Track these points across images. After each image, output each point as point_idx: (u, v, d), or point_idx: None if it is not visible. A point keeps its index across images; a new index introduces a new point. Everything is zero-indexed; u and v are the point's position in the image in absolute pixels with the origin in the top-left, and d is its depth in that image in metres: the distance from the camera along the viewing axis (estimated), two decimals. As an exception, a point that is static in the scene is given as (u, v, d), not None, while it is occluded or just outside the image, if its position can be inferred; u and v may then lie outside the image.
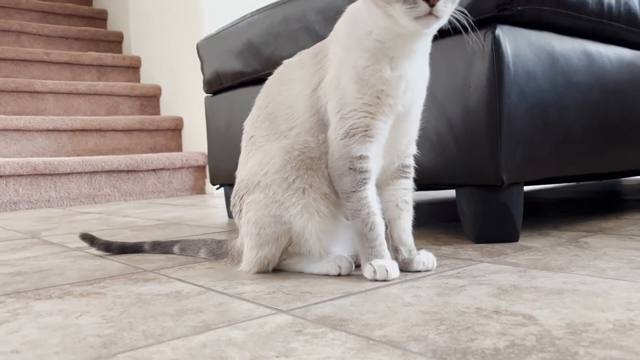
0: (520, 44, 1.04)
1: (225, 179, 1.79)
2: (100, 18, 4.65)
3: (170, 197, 3.11)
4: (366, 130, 0.80)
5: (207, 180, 3.26)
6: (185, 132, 3.64)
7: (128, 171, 3.00)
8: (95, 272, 0.97)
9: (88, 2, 4.93)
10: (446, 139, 1.08)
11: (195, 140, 3.48)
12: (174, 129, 3.64)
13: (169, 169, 3.15)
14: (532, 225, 1.26)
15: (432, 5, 0.70)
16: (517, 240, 1.07)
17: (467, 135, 1.04)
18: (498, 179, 1.02)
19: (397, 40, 0.77)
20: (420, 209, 0.91)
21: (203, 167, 3.27)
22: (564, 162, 1.15)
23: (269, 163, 0.84)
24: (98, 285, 0.85)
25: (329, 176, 0.83)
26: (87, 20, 4.57)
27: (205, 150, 2.89)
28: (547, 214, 1.48)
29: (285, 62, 0.93)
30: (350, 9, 0.85)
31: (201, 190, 3.28)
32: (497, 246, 1.03)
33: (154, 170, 3.09)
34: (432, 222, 1.43)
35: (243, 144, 0.93)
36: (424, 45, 0.82)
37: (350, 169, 0.81)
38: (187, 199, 2.93)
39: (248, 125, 0.92)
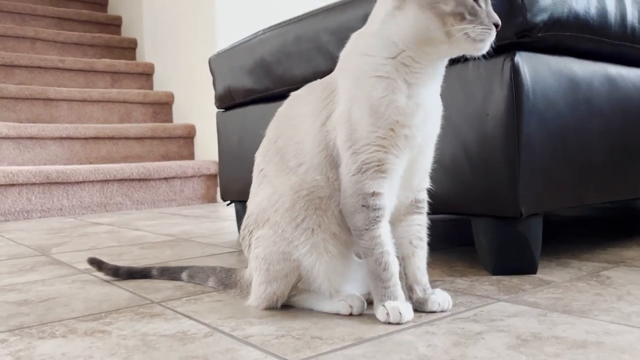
0: (540, 71, 1.00)
1: (236, 196, 1.77)
2: (114, 24, 4.67)
3: (181, 206, 3.10)
4: (379, 166, 0.77)
5: (219, 189, 3.25)
6: (198, 140, 3.64)
7: (140, 180, 3.00)
8: (102, 303, 0.95)
9: (103, 8, 4.96)
10: (462, 168, 1.04)
11: (208, 148, 3.47)
12: (187, 137, 3.63)
13: (180, 178, 3.15)
14: (550, 252, 1.22)
15: (496, 27, 0.74)
16: (535, 273, 1.04)
17: (484, 164, 1.01)
18: (516, 211, 0.98)
19: (427, 60, 0.76)
20: (433, 228, 0.88)
21: (215, 176, 3.26)
22: (585, 191, 1.11)
23: (279, 201, 0.82)
24: (103, 322, 0.83)
25: (339, 214, 0.81)
26: (101, 26, 4.60)
27: (217, 159, 2.88)
28: (565, 239, 1.43)
29: (292, 94, 0.90)
30: (357, 37, 0.82)
31: (212, 199, 3.27)
32: (515, 279, 1.00)
33: (165, 178, 3.09)
34: (446, 245, 1.39)
35: (254, 174, 0.90)
36: (442, 70, 0.81)
37: (363, 206, 0.78)
38: (199, 208, 2.92)
39: (259, 157, 0.90)
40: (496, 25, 0.73)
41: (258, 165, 0.89)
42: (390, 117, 0.76)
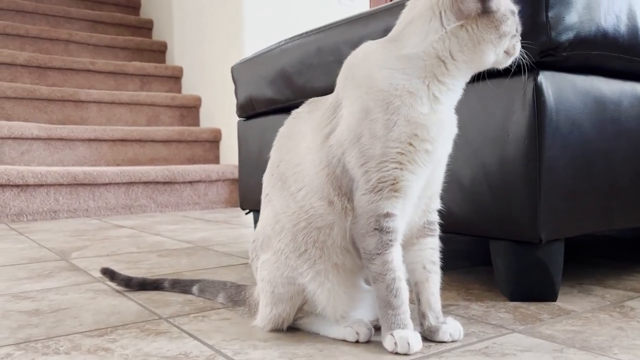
0: (564, 91, 0.97)
1: (255, 205, 1.76)
2: (146, 28, 4.74)
3: (205, 210, 3.12)
4: (393, 184, 0.74)
5: (239, 198, 3.26)
6: (224, 144, 3.66)
7: (164, 183, 3.03)
8: (110, 316, 0.95)
9: (135, 11, 5.04)
10: (481, 189, 1.01)
11: (233, 153, 3.48)
12: (212, 141, 3.66)
13: (205, 182, 3.17)
14: (572, 276, 1.17)
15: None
16: (555, 300, 1.00)
17: (503, 187, 0.98)
18: (535, 236, 0.94)
19: (463, 75, 0.77)
20: (452, 244, 0.85)
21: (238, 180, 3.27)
22: (611, 216, 1.07)
23: (282, 233, 0.80)
24: (108, 338, 0.83)
25: (341, 243, 0.78)
26: (133, 29, 4.67)
27: (241, 166, 2.89)
28: (588, 260, 1.38)
29: (294, 112, 0.87)
30: (368, 51, 0.78)
31: (236, 204, 3.28)
32: (533, 307, 0.96)
33: (190, 182, 3.11)
34: (465, 264, 1.35)
35: (262, 197, 0.88)
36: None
37: (376, 229, 0.75)
38: (221, 212, 2.93)
39: (265, 181, 0.88)
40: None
41: (264, 189, 0.88)
42: (411, 131, 0.73)
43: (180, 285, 1.11)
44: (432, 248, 0.82)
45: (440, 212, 0.84)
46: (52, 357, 0.75)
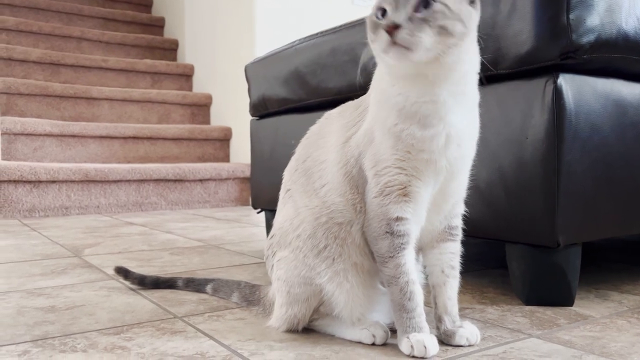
0: (584, 94, 0.95)
1: (266, 204, 1.76)
2: (157, 25, 4.76)
3: (215, 208, 3.12)
4: (402, 189, 0.74)
5: (250, 196, 3.26)
6: (234, 143, 3.66)
7: (175, 180, 3.04)
8: (125, 314, 0.95)
9: (147, 9, 5.05)
10: (497, 192, 1.00)
11: (243, 151, 3.49)
12: (223, 139, 3.67)
13: (215, 180, 3.18)
14: (589, 280, 1.16)
15: (390, 35, 0.64)
16: (571, 305, 0.99)
17: (520, 190, 0.97)
18: (553, 241, 0.93)
19: (414, 86, 0.71)
20: (467, 247, 0.84)
21: (249, 179, 3.27)
22: (630, 221, 1.06)
23: (300, 227, 0.80)
24: (124, 336, 0.83)
25: (360, 242, 0.78)
26: (145, 27, 4.69)
27: (251, 164, 2.89)
28: (605, 265, 1.37)
29: (326, 114, 0.88)
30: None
31: (246, 202, 3.28)
32: (549, 312, 0.95)
33: (200, 180, 3.12)
34: (479, 267, 1.35)
35: (281, 193, 0.88)
36: (457, 92, 0.72)
37: (387, 232, 0.75)
38: (231, 211, 2.93)
39: (286, 176, 0.88)
40: (388, 30, 0.64)
41: (285, 184, 0.88)
42: (406, 141, 0.73)
43: (194, 284, 1.11)
44: (452, 252, 0.82)
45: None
46: (70, 355, 0.75)
